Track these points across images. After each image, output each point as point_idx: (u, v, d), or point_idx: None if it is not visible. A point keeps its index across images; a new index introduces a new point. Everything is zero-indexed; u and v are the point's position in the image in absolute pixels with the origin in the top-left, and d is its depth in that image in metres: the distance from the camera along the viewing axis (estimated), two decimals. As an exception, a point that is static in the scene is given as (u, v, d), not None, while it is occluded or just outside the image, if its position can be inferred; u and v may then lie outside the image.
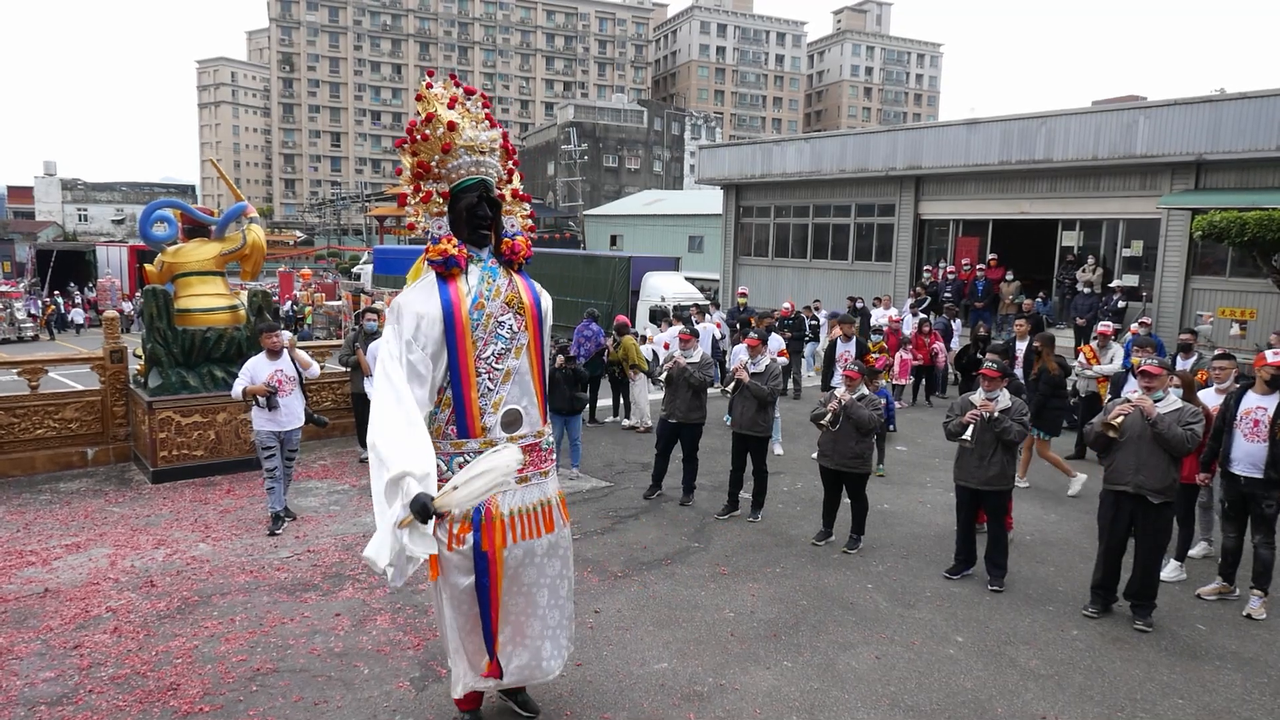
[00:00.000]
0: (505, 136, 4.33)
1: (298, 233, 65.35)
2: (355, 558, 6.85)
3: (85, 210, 71.62)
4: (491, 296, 4.11)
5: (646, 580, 6.50)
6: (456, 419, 4.08)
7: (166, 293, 9.55)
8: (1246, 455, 6.03)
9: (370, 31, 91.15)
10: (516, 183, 4.42)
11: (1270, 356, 6.04)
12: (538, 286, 4.39)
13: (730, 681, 5.01)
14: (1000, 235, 19.31)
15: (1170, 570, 6.63)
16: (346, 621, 5.68)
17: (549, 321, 4.40)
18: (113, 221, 70.75)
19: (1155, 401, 5.73)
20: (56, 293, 32.36)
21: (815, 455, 10.31)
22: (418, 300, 4.03)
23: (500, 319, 4.12)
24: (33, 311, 28.74)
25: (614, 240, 44.20)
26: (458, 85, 4.20)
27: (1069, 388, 10.51)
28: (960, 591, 6.43)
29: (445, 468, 4.03)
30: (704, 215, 36.79)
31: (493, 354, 4.10)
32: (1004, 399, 6.38)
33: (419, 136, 4.08)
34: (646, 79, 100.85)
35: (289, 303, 30.86)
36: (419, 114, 4.14)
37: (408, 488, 3.52)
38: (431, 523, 3.54)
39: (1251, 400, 6.10)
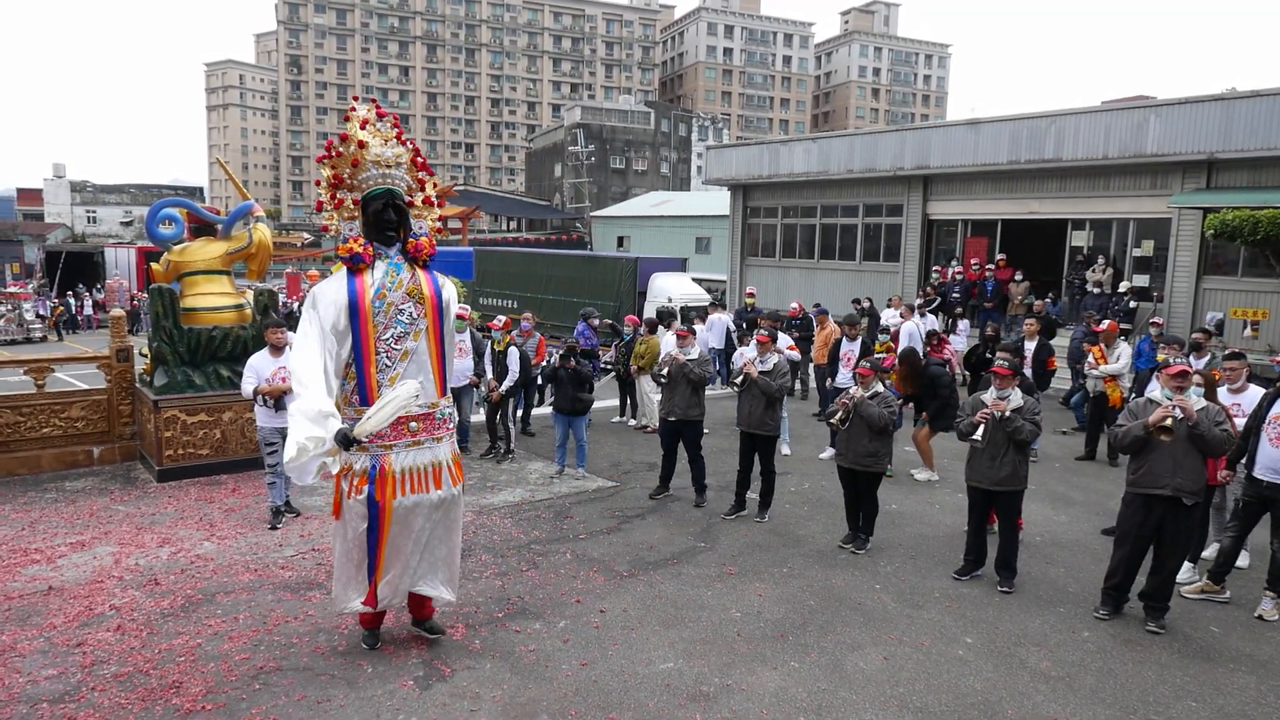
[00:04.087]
0: (417, 152, 5.06)
1: (305, 234, 65.17)
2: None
3: (94, 212, 71.81)
4: (394, 288, 4.80)
5: (653, 580, 6.45)
6: (359, 389, 4.79)
7: (172, 291, 9.54)
8: (1271, 460, 5.92)
9: (378, 34, 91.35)
10: (430, 190, 5.09)
11: None
12: (442, 280, 5.06)
13: (737, 682, 4.96)
14: (1009, 235, 19.18)
15: (1183, 572, 6.53)
16: (350, 620, 5.63)
17: (452, 310, 5.10)
18: (121, 223, 70.92)
19: None
20: (70, 294, 32.46)
21: (823, 454, 10.32)
22: (330, 289, 4.78)
23: (400, 307, 4.82)
24: (41, 313, 28.84)
25: (621, 241, 44.13)
26: (376, 107, 4.97)
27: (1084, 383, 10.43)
28: (969, 592, 6.36)
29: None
30: (711, 216, 36.69)
31: (392, 336, 4.80)
32: (1015, 398, 6.31)
33: (335, 153, 4.82)
34: (653, 80, 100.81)
35: (296, 302, 30.95)
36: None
37: (330, 426, 4.43)
38: (349, 451, 4.62)
39: None
